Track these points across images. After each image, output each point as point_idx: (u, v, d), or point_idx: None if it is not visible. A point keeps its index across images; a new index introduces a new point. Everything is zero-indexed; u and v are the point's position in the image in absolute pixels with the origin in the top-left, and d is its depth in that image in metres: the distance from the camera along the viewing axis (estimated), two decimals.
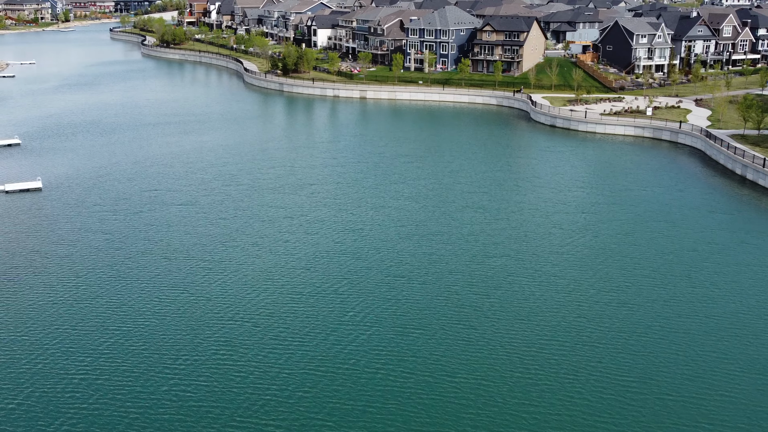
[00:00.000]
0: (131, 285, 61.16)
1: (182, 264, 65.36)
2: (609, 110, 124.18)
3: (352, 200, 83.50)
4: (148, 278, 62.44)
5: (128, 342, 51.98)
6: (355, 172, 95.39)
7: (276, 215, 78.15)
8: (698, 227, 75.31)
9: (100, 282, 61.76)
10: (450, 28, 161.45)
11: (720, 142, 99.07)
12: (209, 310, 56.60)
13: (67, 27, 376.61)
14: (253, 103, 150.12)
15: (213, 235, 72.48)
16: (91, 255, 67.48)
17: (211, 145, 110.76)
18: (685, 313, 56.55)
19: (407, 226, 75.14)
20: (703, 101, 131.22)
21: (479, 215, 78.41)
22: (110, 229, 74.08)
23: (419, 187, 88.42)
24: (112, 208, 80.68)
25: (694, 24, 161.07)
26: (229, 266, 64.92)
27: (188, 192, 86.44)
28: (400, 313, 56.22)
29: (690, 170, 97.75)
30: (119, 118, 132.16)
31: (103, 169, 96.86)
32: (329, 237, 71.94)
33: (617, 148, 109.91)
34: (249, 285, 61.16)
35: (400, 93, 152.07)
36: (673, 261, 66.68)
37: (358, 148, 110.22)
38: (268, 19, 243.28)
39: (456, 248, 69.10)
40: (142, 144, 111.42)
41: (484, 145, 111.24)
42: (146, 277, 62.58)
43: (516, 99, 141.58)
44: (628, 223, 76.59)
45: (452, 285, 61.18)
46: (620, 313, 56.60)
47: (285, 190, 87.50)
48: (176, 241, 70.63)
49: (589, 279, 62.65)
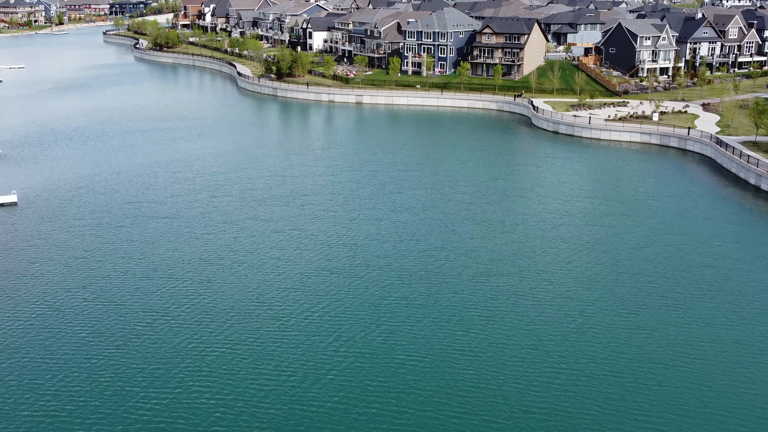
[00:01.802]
0: (107, 309, 56.51)
1: (163, 285, 60.75)
2: (614, 116, 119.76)
3: (346, 212, 79.02)
4: (126, 301, 57.83)
5: (104, 372, 47.39)
6: (350, 182, 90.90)
7: (265, 230, 73.60)
8: (713, 240, 70.99)
9: (74, 305, 57.13)
10: (448, 30, 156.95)
11: (731, 149, 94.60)
12: (190, 337, 52.03)
13: (60, 30, 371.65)
14: (246, 109, 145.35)
15: (197, 252, 67.90)
16: (66, 275, 62.82)
17: (200, 153, 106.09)
18: (708, 339, 52.14)
19: (405, 241, 70.66)
20: (710, 106, 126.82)
21: (481, 228, 73.96)
22: (88, 246, 69.42)
23: (418, 198, 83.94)
24: (91, 222, 75.98)
25: (699, 25, 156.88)
26: (213, 287, 60.36)
27: (173, 204, 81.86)
28: (398, 339, 51.71)
29: (700, 179, 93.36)
30: (106, 125, 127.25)
31: (84, 180, 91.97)
32: (321, 254, 67.40)
33: (623, 155, 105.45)
34: (234, 308, 56.59)
35: (398, 98, 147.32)
36: (690, 279, 62.31)
37: (354, 155, 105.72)
38: (263, 22, 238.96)
39: (458, 265, 64.63)
40: (128, 152, 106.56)
41: (485, 153, 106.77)
42: (124, 300, 57.96)
43: (517, 104, 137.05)
44: (639, 236, 72.22)
45: (454, 307, 56.65)
46: (636, 339, 52.15)
47: (275, 201, 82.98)
48: (158, 260, 66.04)
49: (601, 300, 58.18)
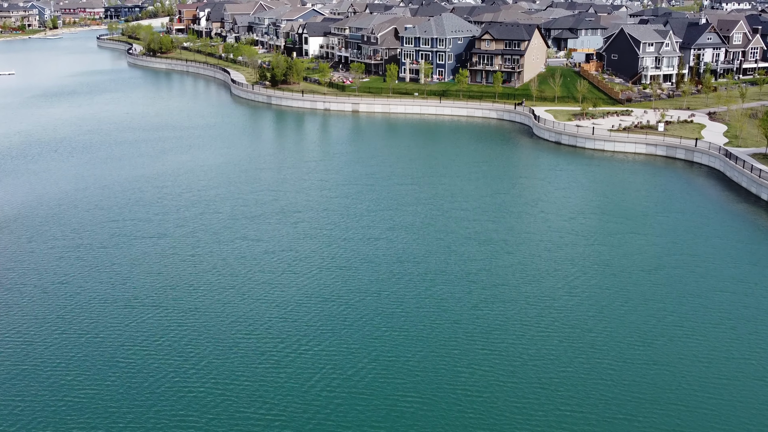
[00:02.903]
0: (84, 342, 52.58)
1: (145, 315, 56.83)
2: (617, 125, 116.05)
3: (340, 231, 75.22)
4: (104, 333, 53.88)
5: (79, 414, 43.48)
6: (345, 197, 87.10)
7: (255, 251, 69.72)
8: (727, 262, 67.28)
9: (48, 338, 53.18)
10: (447, 36, 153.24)
11: (742, 163, 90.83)
12: (172, 373, 48.13)
13: (54, 34, 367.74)
14: (239, 118, 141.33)
15: (183, 276, 64.00)
16: (42, 304, 58.87)
17: (190, 165, 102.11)
18: (729, 375, 48.45)
19: (403, 263, 66.83)
20: (717, 115, 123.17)
21: (483, 249, 70.16)
22: (67, 270, 65.44)
23: (416, 215, 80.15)
24: (72, 243, 72.00)
25: (703, 31, 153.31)
26: (198, 317, 56.45)
27: (159, 222, 77.93)
28: (394, 375, 47.87)
29: (710, 194, 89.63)
30: (93, 135, 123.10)
31: (68, 195, 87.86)
32: (313, 278, 63.53)
33: (629, 167, 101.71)
34: (220, 341, 52.67)
35: (395, 106, 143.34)
36: (706, 305, 58.57)
37: (349, 168, 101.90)
38: (259, 27, 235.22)
39: (458, 291, 60.82)
40: (115, 165, 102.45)
41: (485, 165, 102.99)
42: (102, 333, 54.01)
43: (517, 112, 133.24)
44: (650, 256, 68.50)
45: (455, 339, 52.83)
46: (651, 375, 48.39)
47: (267, 219, 79.15)
48: (140, 285, 62.12)
49: (612, 330, 54.36)
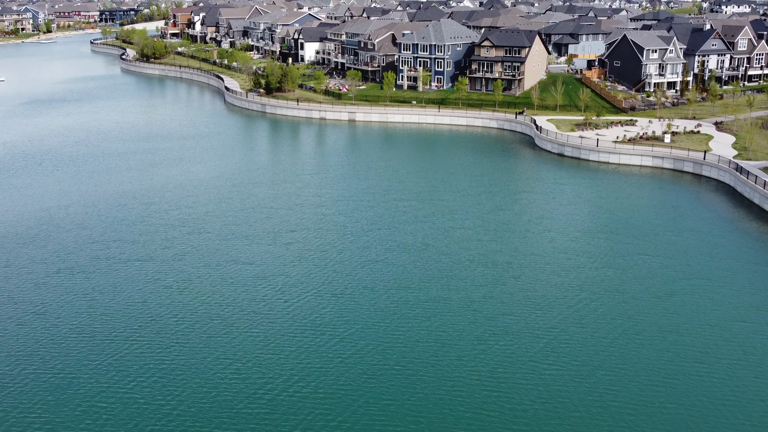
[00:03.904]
0: (57, 383, 48.78)
1: (125, 351, 52.96)
2: (622, 136, 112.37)
3: (336, 252, 71.48)
4: (81, 372, 50.08)
5: None
6: (341, 214, 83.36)
7: (246, 276, 65.91)
8: (745, 287, 63.63)
9: (18, 381, 49.39)
10: (446, 43, 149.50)
11: (754, 178, 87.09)
12: (152, 416, 44.36)
13: (48, 38, 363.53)
14: (232, 128, 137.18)
15: (168, 305, 60.15)
16: (16, 339, 54.99)
17: (179, 180, 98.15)
18: (756, 420, 44.80)
19: (402, 289, 63.06)
20: (724, 125, 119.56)
21: (486, 272, 66.42)
22: (44, 298, 61.60)
23: (415, 234, 76.38)
24: (53, 267, 68.10)
25: (707, 37, 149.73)
26: (183, 351, 52.64)
27: (145, 244, 74.06)
28: (392, 417, 44.13)
29: (721, 211, 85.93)
30: (80, 147, 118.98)
31: (50, 213, 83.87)
32: (307, 307, 59.71)
33: (635, 182, 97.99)
34: (206, 381, 48.91)
35: (392, 115, 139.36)
36: (726, 337, 54.93)
37: (345, 182, 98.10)
38: (254, 31, 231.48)
39: (461, 321, 57.05)
40: (101, 179, 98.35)
41: (486, 179, 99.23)
42: (79, 371, 50.21)
43: (518, 122, 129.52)
44: (662, 281, 64.83)
45: (458, 377, 49.13)
46: (671, 418, 44.70)
47: (259, 239, 75.39)
48: (122, 316, 58.25)
49: (626, 367, 50.63)
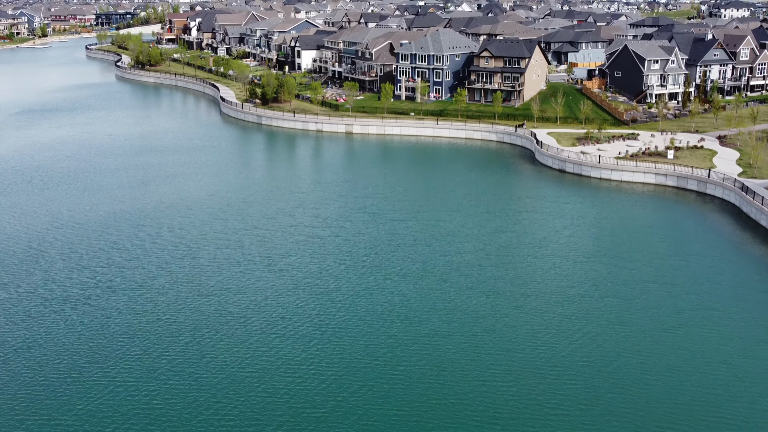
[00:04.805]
0: (39, 428, 46.66)
1: (110, 395, 50.74)
2: (624, 152, 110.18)
3: (332, 279, 69.32)
4: (64, 419, 47.91)
5: None
6: (337, 237, 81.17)
7: (237, 307, 63.65)
8: (755, 318, 61.65)
9: (2, 419, 47.39)
10: (444, 53, 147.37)
11: (761, 199, 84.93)
12: None
13: (44, 43, 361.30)
14: (227, 142, 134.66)
15: (157, 341, 57.83)
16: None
17: (172, 199, 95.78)
18: None
19: (401, 321, 60.90)
20: (727, 139, 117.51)
21: (488, 303, 64.25)
22: (29, 334, 59.22)
23: (414, 259, 74.18)
24: (39, 298, 65.70)
25: (709, 47, 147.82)
26: (170, 392, 50.46)
27: (136, 270, 71.77)
28: None
29: (727, 233, 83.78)
30: (72, 162, 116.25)
31: (38, 237, 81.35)
32: (301, 342, 57.46)
33: (638, 201, 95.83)
34: (201, 418, 46.76)
35: (390, 127, 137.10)
36: (738, 375, 52.88)
37: (342, 201, 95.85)
38: (250, 38, 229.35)
39: (464, 359, 54.88)
40: (92, 199, 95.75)
41: (486, 197, 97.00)
42: (62, 418, 48.04)
43: (518, 135, 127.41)
44: (669, 311, 62.75)
45: (461, 421, 46.92)
46: None
47: (252, 265, 73.20)
48: (109, 354, 55.94)
49: (633, 410, 48.45)
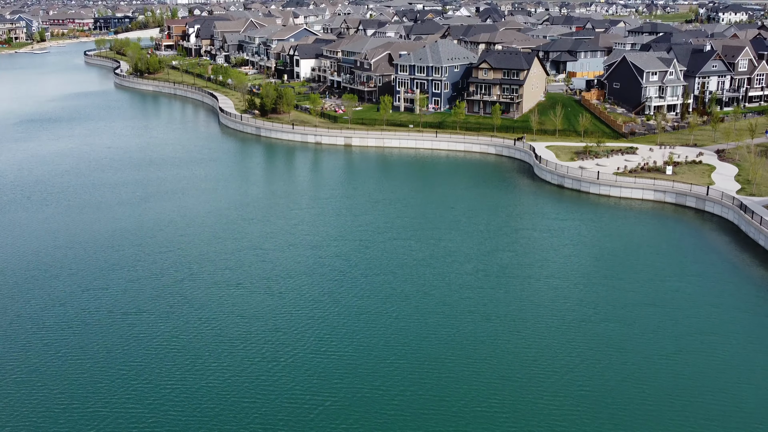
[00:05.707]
0: None
1: (108, 423, 50.74)
2: (623, 167, 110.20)
3: (331, 303, 69.27)
4: None
5: None
6: (337, 257, 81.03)
7: (235, 332, 63.53)
8: (754, 344, 61.91)
9: None
10: (443, 65, 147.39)
11: (759, 219, 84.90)
12: None
13: (42, 48, 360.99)
14: (226, 154, 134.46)
15: (154, 371, 57.64)
16: None
17: (172, 216, 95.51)
18: None
19: (400, 348, 60.82)
20: (726, 153, 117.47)
21: (488, 327, 64.22)
22: (21, 367, 58.68)
23: (413, 281, 74.07)
24: (34, 326, 65.03)
25: (708, 59, 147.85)
26: (168, 424, 50.41)
27: (135, 293, 71.56)
28: None
29: (726, 253, 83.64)
30: (71, 177, 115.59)
31: (36, 258, 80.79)
32: (299, 371, 57.33)
33: (637, 217, 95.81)
34: None
35: (389, 140, 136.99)
36: (738, 404, 52.86)
37: (341, 218, 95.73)
38: (249, 46, 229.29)
39: (464, 387, 54.78)
40: (92, 216, 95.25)
41: (485, 214, 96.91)
42: None
43: (517, 149, 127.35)
44: (669, 336, 62.77)
45: None
46: None
47: (251, 286, 73.12)
48: (104, 387, 55.68)
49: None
